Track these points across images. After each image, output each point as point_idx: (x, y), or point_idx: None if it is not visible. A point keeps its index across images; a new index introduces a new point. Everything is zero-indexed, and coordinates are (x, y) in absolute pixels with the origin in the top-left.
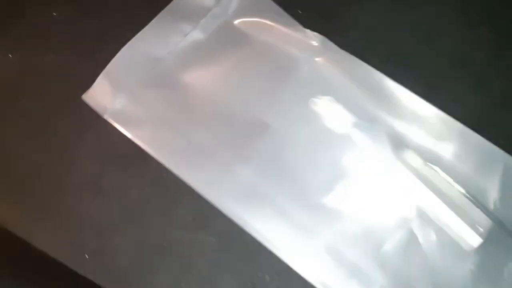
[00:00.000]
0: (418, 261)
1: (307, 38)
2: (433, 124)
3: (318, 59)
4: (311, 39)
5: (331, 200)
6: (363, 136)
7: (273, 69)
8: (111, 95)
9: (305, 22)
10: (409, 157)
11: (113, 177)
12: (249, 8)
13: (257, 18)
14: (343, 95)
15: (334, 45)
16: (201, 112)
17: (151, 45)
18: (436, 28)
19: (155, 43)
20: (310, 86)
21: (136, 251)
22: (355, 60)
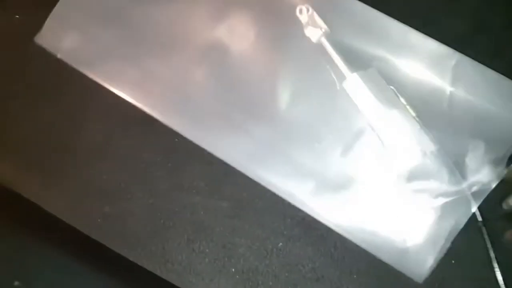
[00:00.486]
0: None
1: None
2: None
3: None
4: None
5: (290, 113)
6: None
7: None
8: (63, 34)
9: None
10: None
11: (121, 141)
12: None
13: None
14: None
15: None
16: (153, 43)
17: None
18: None
19: None
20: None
21: (147, 215)
22: None
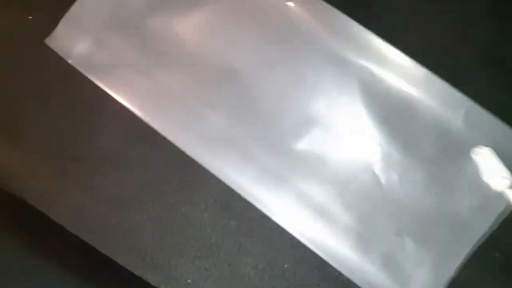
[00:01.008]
0: (380, 201)
1: None
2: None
3: (289, 3)
4: None
5: (299, 144)
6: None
7: (244, 14)
8: (75, 39)
9: None
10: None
11: (131, 152)
12: None
13: None
14: (313, 40)
15: None
16: (169, 56)
17: None
18: None
19: None
20: (280, 31)
21: (155, 229)
22: (325, 5)
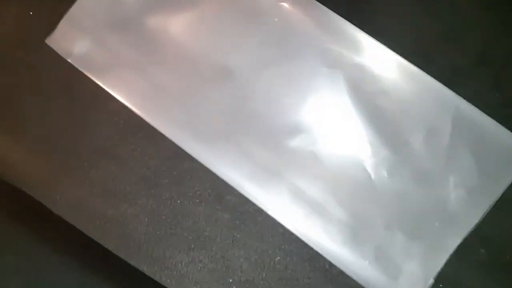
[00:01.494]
0: (370, 196)
1: None
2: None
3: (283, 4)
4: None
5: (293, 142)
6: (324, 79)
7: (239, 14)
8: (75, 39)
9: None
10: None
11: (127, 146)
12: None
13: None
14: (306, 40)
15: None
16: (166, 56)
17: None
18: None
19: None
20: (274, 31)
21: (150, 221)
22: (318, 5)
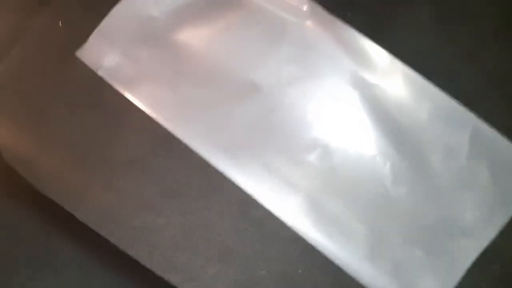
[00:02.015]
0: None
1: (297, 2)
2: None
3: (307, 22)
4: (301, 3)
5: (313, 157)
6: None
7: (264, 31)
8: (105, 52)
9: None
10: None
11: (155, 159)
12: None
13: None
14: (329, 59)
15: (322, 10)
16: (193, 70)
17: (145, 3)
18: None
19: (149, 2)
20: (299, 49)
21: (176, 232)
22: (342, 25)
